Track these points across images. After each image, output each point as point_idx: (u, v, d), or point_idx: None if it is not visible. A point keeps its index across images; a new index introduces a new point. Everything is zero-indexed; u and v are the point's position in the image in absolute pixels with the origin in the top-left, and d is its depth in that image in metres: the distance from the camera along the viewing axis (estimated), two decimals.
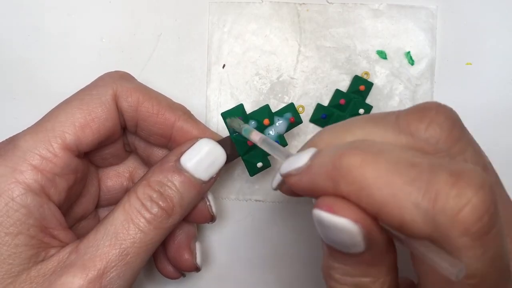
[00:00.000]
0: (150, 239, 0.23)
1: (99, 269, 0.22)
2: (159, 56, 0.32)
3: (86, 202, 0.28)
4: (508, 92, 0.32)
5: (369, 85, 0.32)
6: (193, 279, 0.33)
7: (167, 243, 0.28)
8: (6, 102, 0.33)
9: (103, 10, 0.32)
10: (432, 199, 0.15)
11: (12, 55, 0.33)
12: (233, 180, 0.33)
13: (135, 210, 0.23)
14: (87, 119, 0.24)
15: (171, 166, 0.25)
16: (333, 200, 0.17)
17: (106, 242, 0.23)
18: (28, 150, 0.23)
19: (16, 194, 0.22)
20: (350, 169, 0.17)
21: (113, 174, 0.29)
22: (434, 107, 0.19)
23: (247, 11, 0.32)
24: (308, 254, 0.33)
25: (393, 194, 0.16)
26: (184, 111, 0.27)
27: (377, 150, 0.17)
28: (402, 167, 0.16)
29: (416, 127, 0.19)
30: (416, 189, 0.16)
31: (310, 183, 0.18)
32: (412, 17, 0.32)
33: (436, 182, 0.15)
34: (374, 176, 0.16)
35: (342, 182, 0.17)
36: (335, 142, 0.20)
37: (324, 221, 0.17)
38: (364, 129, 0.20)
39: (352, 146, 0.18)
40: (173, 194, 0.24)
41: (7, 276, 0.22)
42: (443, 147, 0.18)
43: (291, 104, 0.28)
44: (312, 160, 0.19)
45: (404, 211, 0.16)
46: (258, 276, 0.33)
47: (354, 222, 0.16)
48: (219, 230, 0.33)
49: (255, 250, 0.33)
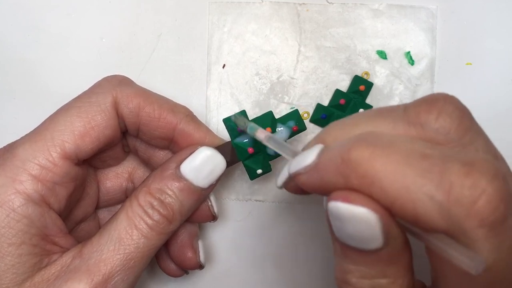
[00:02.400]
0: (153, 244, 0.24)
1: (104, 273, 0.22)
2: (159, 56, 0.32)
3: (86, 205, 0.28)
4: (508, 92, 0.32)
5: (369, 85, 0.32)
6: (194, 279, 0.33)
7: (170, 243, 0.28)
8: (6, 102, 0.33)
9: (103, 10, 0.32)
10: (446, 190, 0.15)
11: (12, 55, 0.33)
12: (234, 181, 0.33)
13: (137, 216, 0.24)
14: (86, 128, 0.24)
15: (171, 174, 0.25)
16: (348, 192, 0.17)
17: (110, 247, 0.23)
18: (27, 160, 0.23)
19: (17, 204, 0.22)
20: (360, 162, 0.16)
21: (112, 175, 0.29)
22: (442, 97, 0.19)
23: (247, 11, 0.32)
24: (308, 254, 0.33)
25: (405, 187, 0.16)
26: (186, 113, 0.27)
27: (387, 141, 0.17)
28: (413, 158, 0.16)
29: (426, 118, 0.18)
30: (429, 181, 0.15)
31: (320, 180, 0.18)
32: (412, 17, 0.32)
33: (450, 173, 0.15)
34: (385, 169, 0.16)
35: (352, 176, 0.17)
36: (342, 136, 0.20)
37: (342, 213, 0.17)
38: (372, 123, 0.19)
39: (360, 138, 0.17)
40: (173, 202, 0.24)
41: (12, 285, 0.22)
42: (454, 137, 0.18)
43: (296, 111, 0.28)
44: (320, 157, 0.18)
45: (418, 204, 0.15)
46: (259, 276, 0.33)
47: (374, 211, 0.16)
48: (220, 230, 0.33)
49: (255, 250, 0.33)
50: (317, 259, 0.33)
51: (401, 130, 0.19)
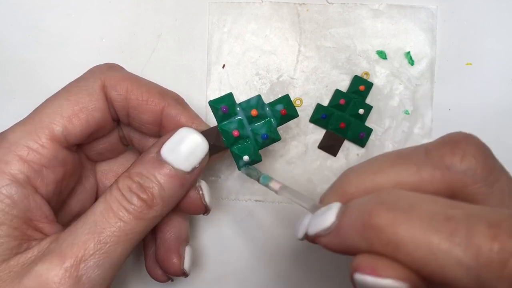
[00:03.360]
0: (130, 229, 0.23)
1: (76, 256, 0.21)
2: (159, 56, 0.32)
3: (83, 198, 0.28)
4: (508, 92, 0.32)
5: (369, 85, 0.32)
6: (194, 279, 0.33)
7: (157, 244, 0.28)
8: (6, 102, 0.33)
9: (103, 10, 0.32)
10: (474, 255, 0.15)
11: (12, 55, 0.33)
12: (233, 181, 0.33)
13: (115, 200, 0.23)
14: (74, 110, 0.24)
15: (151, 158, 0.24)
16: (374, 260, 0.17)
17: (85, 230, 0.22)
18: (15, 142, 0.23)
19: (1, 184, 0.22)
20: (382, 229, 0.16)
21: (112, 175, 0.29)
22: (464, 138, 0.19)
23: (247, 11, 0.32)
24: (309, 254, 0.33)
25: (432, 252, 0.15)
26: (175, 97, 0.27)
27: (408, 205, 0.17)
28: (437, 222, 0.16)
29: (451, 160, 0.18)
30: (455, 245, 0.15)
31: (342, 244, 0.18)
32: (412, 17, 0.32)
33: (476, 236, 0.15)
34: (409, 235, 0.16)
35: (376, 243, 0.16)
36: (364, 186, 0.20)
37: (370, 285, 0.16)
38: (394, 169, 0.19)
39: (380, 201, 0.17)
40: (152, 186, 0.23)
41: None
42: (480, 177, 0.18)
43: (286, 95, 0.27)
44: (340, 219, 0.18)
45: (446, 269, 0.15)
46: (258, 276, 0.33)
47: (403, 281, 0.16)
48: (219, 230, 0.33)
49: (255, 250, 0.33)
50: (317, 259, 0.33)
51: (427, 175, 0.19)
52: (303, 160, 0.32)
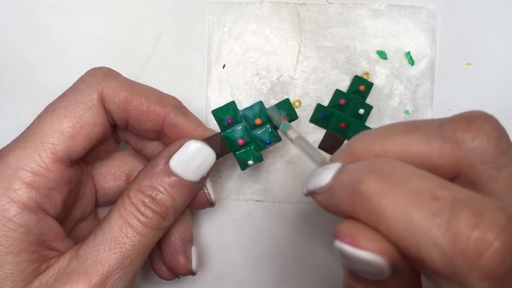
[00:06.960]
0: (148, 241, 0.24)
1: (101, 274, 0.22)
2: (159, 56, 0.32)
3: (83, 204, 0.28)
4: (508, 92, 0.32)
5: (369, 85, 0.32)
6: (194, 279, 0.33)
7: (163, 247, 0.28)
8: (6, 102, 0.33)
9: (103, 10, 0.32)
10: (451, 239, 0.15)
11: (12, 55, 0.33)
12: (233, 180, 0.33)
13: (131, 214, 0.23)
14: (76, 128, 0.24)
15: (160, 170, 0.24)
16: (355, 229, 0.17)
17: (106, 246, 0.23)
18: (19, 168, 0.22)
19: (12, 214, 0.22)
20: (368, 198, 0.16)
21: (110, 177, 0.29)
22: (482, 116, 0.18)
23: (247, 11, 0.32)
24: (309, 254, 0.33)
25: (411, 228, 0.15)
26: (175, 104, 0.27)
27: (398, 177, 0.17)
28: (422, 199, 0.16)
29: (463, 136, 0.18)
30: (436, 226, 0.15)
31: (333, 205, 0.18)
32: (412, 17, 0.32)
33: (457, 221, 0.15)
34: (392, 207, 0.16)
35: (360, 210, 0.17)
36: (373, 148, 0.19)
37: (348, 254, 0.17)
38: (406, 136, 0.19)
39: (373, 169, 0.17)
40: (165, 199, 0.24)
41: None
42: (489, 158, 0.18)
43: (287, 99, 0.27)
44: (334, 181, 0.18)
45: (422, 248, 0.15)
46: (258, 276, 0.33)
47: (380, 255, 0.16)
48: (219, 230, 0.33)
49: (255, 250, 0.33)
50: (317, 259, 0.33)
51: (436, 148, 0.18)
52: (303, 160, 0.32)
